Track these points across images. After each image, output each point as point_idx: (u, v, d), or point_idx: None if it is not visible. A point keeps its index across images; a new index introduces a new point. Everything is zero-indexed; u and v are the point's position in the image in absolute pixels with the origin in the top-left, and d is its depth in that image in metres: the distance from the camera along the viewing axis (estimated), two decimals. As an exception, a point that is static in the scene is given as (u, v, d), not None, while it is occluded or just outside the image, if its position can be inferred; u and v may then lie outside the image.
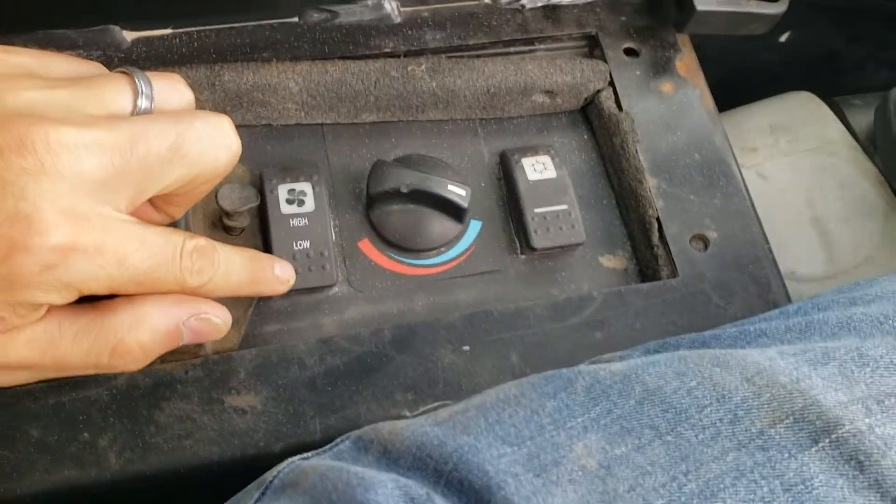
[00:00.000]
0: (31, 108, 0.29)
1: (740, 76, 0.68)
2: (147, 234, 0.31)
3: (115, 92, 0.32)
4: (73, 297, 0.30)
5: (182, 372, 0.39)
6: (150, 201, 0.34)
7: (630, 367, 0.33)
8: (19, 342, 0.31)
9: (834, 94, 0.65)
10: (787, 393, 0.30)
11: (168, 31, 0.47)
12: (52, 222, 0.28)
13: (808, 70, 0.71)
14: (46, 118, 0.28)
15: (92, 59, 0.45)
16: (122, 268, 0.30)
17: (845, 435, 0.29)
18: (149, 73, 0.34)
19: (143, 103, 0.32)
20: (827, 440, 0.29)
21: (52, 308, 0.31)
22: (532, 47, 0.52)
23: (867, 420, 0.29)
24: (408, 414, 0.39)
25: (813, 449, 0.29)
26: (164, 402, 0.39)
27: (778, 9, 0.52)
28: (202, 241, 0.34)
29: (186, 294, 0.34)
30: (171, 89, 0.34)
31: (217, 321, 0.36)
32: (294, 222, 0.43)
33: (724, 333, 0.37)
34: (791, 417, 0.29)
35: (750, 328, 0.36)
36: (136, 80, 0.32)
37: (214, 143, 0.33)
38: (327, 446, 0.34)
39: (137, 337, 0.33)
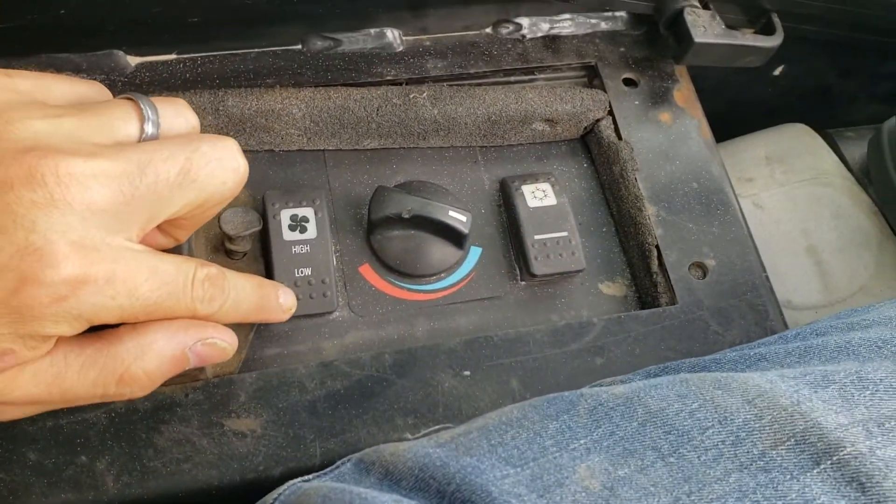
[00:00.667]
0: (37, 138, 0.29)
1: (736, 108, 0.69)
2: (158, 264, 0.31)
3: (122, 119, 0.32)
4: (84, 327, 0.30)
5: (182, 395, 0.39)
6: (157, 226, 0.34)
7: (632, 390, 0.33)
8: (25, 378, 0.30)
9: (827, 126, 0.66)
10: (788, 415, 0.30)
11: (172, 56, 0.48)
12: (62, 254, 0.27)
13: (801, 103, 0.72)
14: (55, 150, 0.28)
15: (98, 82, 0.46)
16: (134, 298, 0.30)
17: (846, 457, 0.29)
18: (153, 99, 0.33)
19: (149, 129, 0.32)
20: (829, 462, 0.29)
21: (58, 340, 0.31)
22: (532, 76, 0.53)
23: (868, 442, 0.29)
24: (409, 437, 0.39)
25: (815, 470, 0.29)
26: (164, 425, 0.38)
27: (773, 42, 0.53)
28: (213, 270, 0.33)
29: (198, 318, 0.34)
30: (176, 114, 0.34)
31: (223, 345, 0.35)
32: (296, 249, 0.43)
33: (724, 357, 0.37)
34: (793, 439, 0.29)
35: (749, 352, 0.36)
36: (142, 107, 0.32)
37: (223, 166, 0.32)
38: (328, 468, 0.34)
39: (143, 365, 0.32)
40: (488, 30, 0.53)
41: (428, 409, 0.40)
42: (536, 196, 0.48)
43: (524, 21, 0.53)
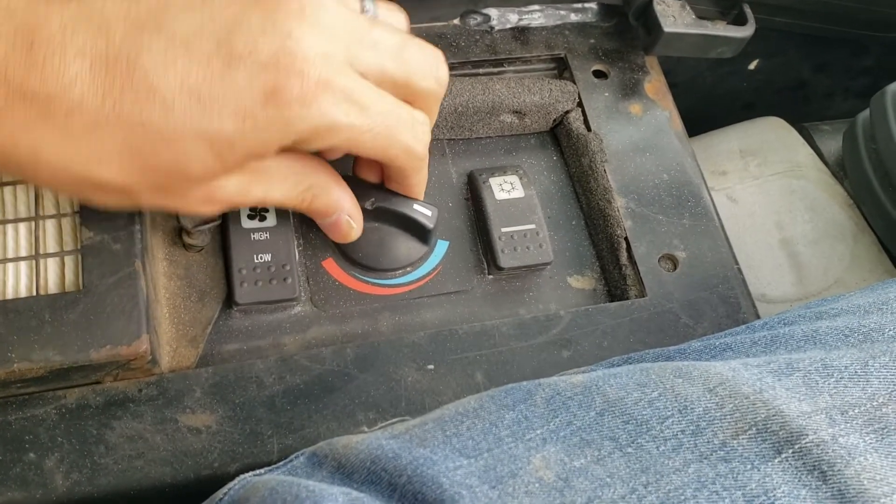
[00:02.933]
0: None
1: (712, 102, 0.68)
2: (387, 96, 0.34)
3: None
4: (324, 141, 0.33)
5: (135, 390, 0.38)
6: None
7: (591, 379, 0.32)
8: (247, 172, 0.34)
9: (800, 121, 0.66)
10: (749, 403, 0.29)
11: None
12: (312, 62, 0.31)
13: (777, 98, 0.72)
14: None
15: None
16: (367, 117, 0.33)
17: (808, 445, 0.28)
18: None
19: (368, 6, 0.36)
20: (790, 450, 0.28)
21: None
22: (501, 68, 0.52)
23: (831, 430, 0.28)
24: (366, 430, 0.38)
25: (776, 460, 0.28)
26: (116, 421, 0.37)
27: (745, 32, 0.52)
28: (422, 116, 0.37)
29: (417, 152, 0.37)
30: (391, 13, 0.38)
31: (354, 231, 0.41)
32: (255, 236, 0.42)
33: (688, 348, 0.36)
34: (754, 428, 0.29)
35: (715, 342, 0.36)
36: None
37: (427, 57, 0.36)
38: (281, 462, 0.33)
39: (315, 195, 0.37)
40: (456, 21, 0.52)
41: (390, 404, 0.40)
42: (504, 189, 0.47)
43: (493, 12, 0.52)
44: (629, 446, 0.29)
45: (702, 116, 0.63)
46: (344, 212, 0.39)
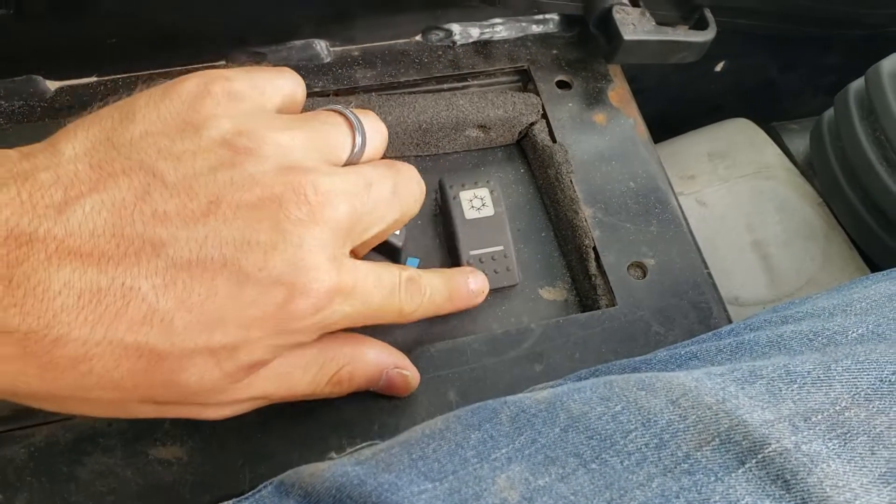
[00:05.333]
0: (285, 155, 0.31)
1: (680, 106, 0.68)
2: (378, 271, 0.34)
3: (341, 134, 0.35)
4: (321, 334, 0.33)
5: (105, 424, 0.38)
6: None
7: (555, 395, 0.32)
8: (261, 378, 0.32)
9: (772, 121, 0.66)
10: (712, 414, 0.29)
11: (92, 79, 0.47)
12: (325, 269, 0.30)
13: (746, 99, 0.72)
14: (306, 168, 0.31)
15: (16, 108, 0.45)
16: (365, 304, 0.33)
17: (771, 454, 0.28)
18: (355, 111, 0.36)
19: (359, 141, 0.35)
20: (753, 461, 0.28)
21: None
22: (465, 83, 0.52)
23: (793, 438, 0.28)
24: (334, 456, 0.38)
25: (740, 470, 0.28)
26: (86, 457, 0.37)
27: (706, 37, 0.52)
28: (412, 272, 0.37)
29: (401, 320, 0.37)
30: (375, 129, 0.37)
31: (410, 378, 0.39)
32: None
33: (654, 358, 0.36)
34: (717, 439, 0.28)
35: (681, 351, 0.35)
36: (351, 120, 0.35)
37: (417, 187, 0.37)
38: (249, 493, 0.33)
39: (352, 370, 0.36)
40: (418, 37, 0.52)
41: (363, 427, 0.39)
42: (474, 205, 0.47)
43: (454, 27, 0.52)
44: (593, 462, 0.29)
45: (670, 121, 0.63)
46: (389, 368, 0.38)
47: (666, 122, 0.61)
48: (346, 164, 0.35)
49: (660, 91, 0.64)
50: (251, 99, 0.33)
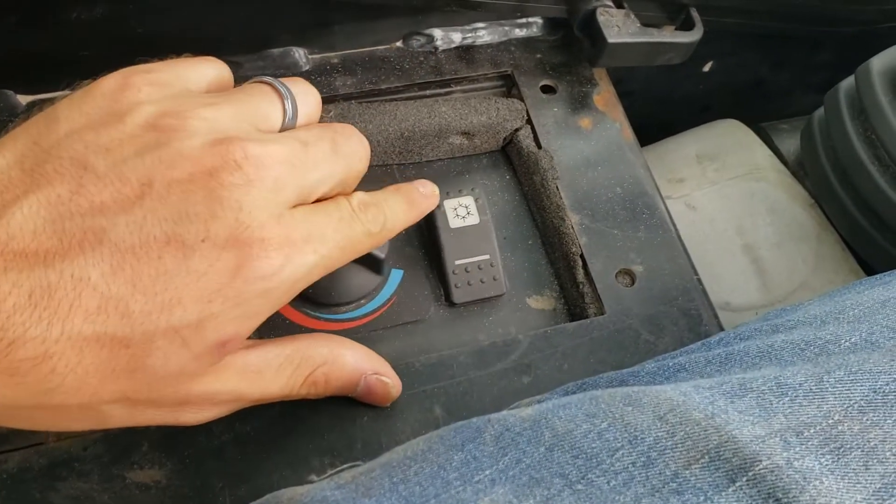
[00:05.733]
0: (212, 127, 0.31)
1: (668, 108, 0.68)
2: (324, 209, 0.34)
3: (269, 103, 0.35)
4: (297, 292, 0.32)
5: (80, 448, 0.37)
6: None
7: (540, 412, 0.31)
8: (232, 373, 0.32)
9: (763, 120, 0.65)
10: (701, 430, 0.28)
11: (66, 92, 0.46)
12: (269, 226, 0.30)
13: (735, 98, 0.71)
14: (234, 137, 0.31)
15: None
16: (328, 245, 0.33)
17: (763, 471, 0.27)
18: (283, 80, 0.36)
19: (289, 109, 0.35)
20: (744, 478, 0.27)
21: (261, 339, 0.34)
22: (449, 89, 0.51)
23: (785, 454, 0.27)
24: (315, 478, 0.37)
25: (730, 489, 0.27)
26: (61, 482, 0.36)
27: (692, 37, 0.51)
28: (360, 195, 0.36)
29: (377, 242, 0.36)
30: (305, 93, 0.37)
31: (391, 386, 0.38)
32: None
33: (642, 370, 0.35)
34: (706, 456, 0.27)
35: (669, 363, 0.35)
36: (279, 89, 0.35)
37: (360, 143, 0.36)
38: (226, 520, 0.32)
39: (327, 371, 0.36)
40: (399, 43, 0.51)
41: (345, 447, 0.38)
42: (459, 214, 0.46)
43: (436, 32, 0.51)
44: (579, 483, 0.28)
45: (659, 123, 0.62)
46: (368, 373, 0.37)
47: (654, 124, 0.60)
48: (281, 132, 0.35)
49: (647, 93, 0.63)
50: (174, 85, 0.33)
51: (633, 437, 0.29)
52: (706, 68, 0.65)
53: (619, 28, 0.49)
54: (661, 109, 0.66)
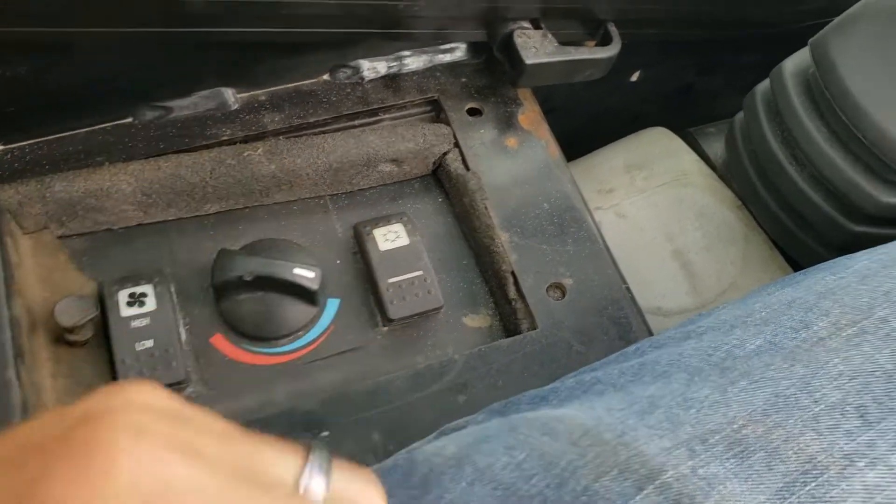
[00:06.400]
0: None
1: (600, 120, 0.69)
2: None
3: None
4: None
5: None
6: None
7: (462, 449, 0.32)
8: None
9: (694, 125, 0.67)
10: (611, 448, 0.30)
11: (-2, 147, 0.46)
12: None
13: (665, 105, 0.73)
14: None
15: None
16: None
17: (669, 480, 0.28)
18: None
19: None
20: (651, 486, 0.28)
21: None
22: (378, 118, 0.52)
23: (690, 462, 0.29)
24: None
25: (638, 497, 0.28)
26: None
27: (609, 52, 0.53)
28: None
29: None
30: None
31: None
32: (135, 323, 0.42)
33: (562, 386, 0.36)
34: (615, 469, 0.29)
35: (587, 377, 0.36)
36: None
37: None
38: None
39: None
40: (326, 76, 0.52)
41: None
42: (388, 238, 0.47)
43: (362, 63, 0.52)
44: (496, 513, 0.29)
45: (590, 135, 0.64)
46: None
47: (584, 138, 0.61)
48: None
49: (574, 108, 0.64)
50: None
51: (548, 463, 0.30)
52: (634, 78, 0.67)
53: (536, 49, 0.50)
54: (591, 122, 0.67)
